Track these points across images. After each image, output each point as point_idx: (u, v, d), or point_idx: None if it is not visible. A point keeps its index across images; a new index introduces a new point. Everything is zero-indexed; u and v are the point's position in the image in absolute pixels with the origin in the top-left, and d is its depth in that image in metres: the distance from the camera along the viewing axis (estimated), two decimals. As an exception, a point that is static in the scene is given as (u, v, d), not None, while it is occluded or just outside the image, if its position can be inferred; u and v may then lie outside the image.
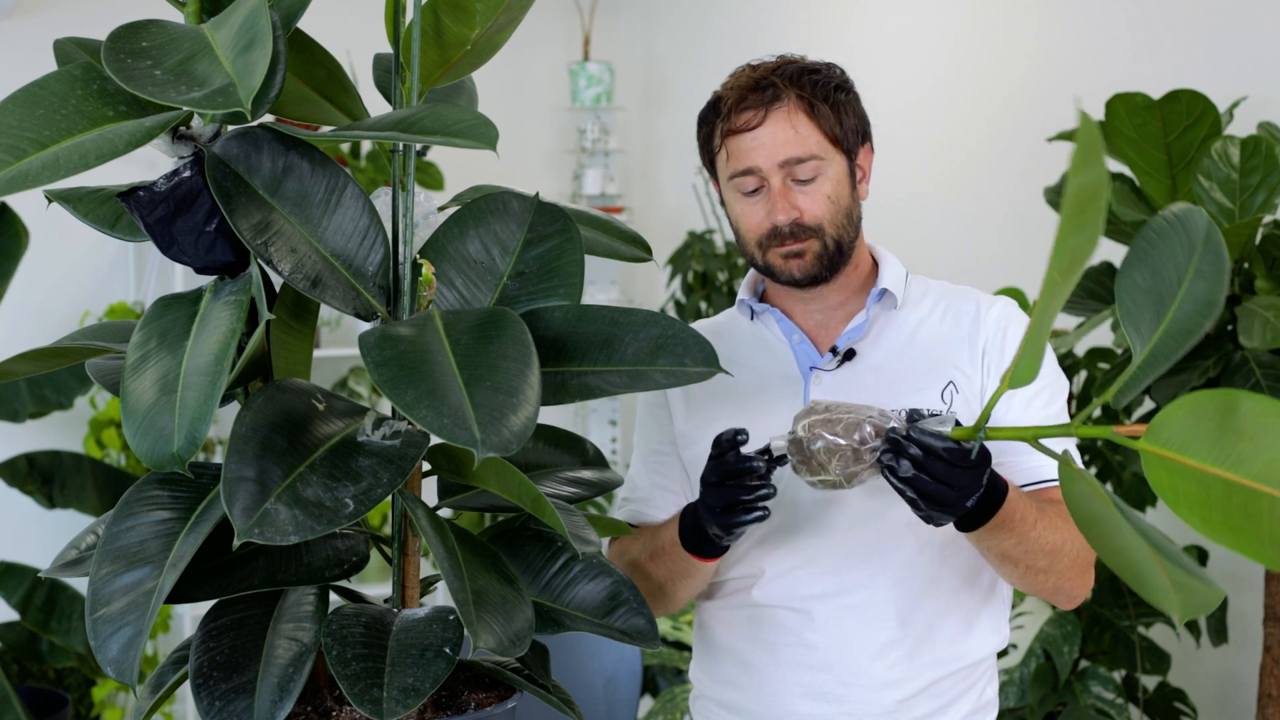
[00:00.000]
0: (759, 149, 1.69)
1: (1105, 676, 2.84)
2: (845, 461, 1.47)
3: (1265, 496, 1.11)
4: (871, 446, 1.46)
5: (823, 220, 1.70)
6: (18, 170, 1.08)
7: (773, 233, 1.70)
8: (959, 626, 1.74)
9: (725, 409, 1.76)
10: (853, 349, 1.75)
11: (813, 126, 1.70)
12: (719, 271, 4.52)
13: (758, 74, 1.72)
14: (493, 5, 1.36)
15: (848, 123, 1.72)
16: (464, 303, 1.39)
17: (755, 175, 1.70)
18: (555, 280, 1.40)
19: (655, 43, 5.24)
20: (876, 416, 1.47)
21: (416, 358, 1.16)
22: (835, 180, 1.71)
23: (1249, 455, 1.11)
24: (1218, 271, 1.26)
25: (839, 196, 1.71)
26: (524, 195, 1.42)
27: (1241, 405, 1.13)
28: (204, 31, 1.19)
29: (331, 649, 1.21)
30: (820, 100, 1.70)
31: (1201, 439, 1.13)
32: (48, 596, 3.44)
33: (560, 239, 1.41)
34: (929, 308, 1.78)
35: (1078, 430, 1.29)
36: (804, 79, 1.71)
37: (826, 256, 1.71)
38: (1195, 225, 1.28)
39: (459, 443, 1.08)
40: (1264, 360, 2.56)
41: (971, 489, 1.45)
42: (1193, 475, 1.13)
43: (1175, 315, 1.25)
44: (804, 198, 1.70)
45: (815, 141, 1.70)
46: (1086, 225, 1.17)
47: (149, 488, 1.23)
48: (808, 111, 1.70)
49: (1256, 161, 2.56)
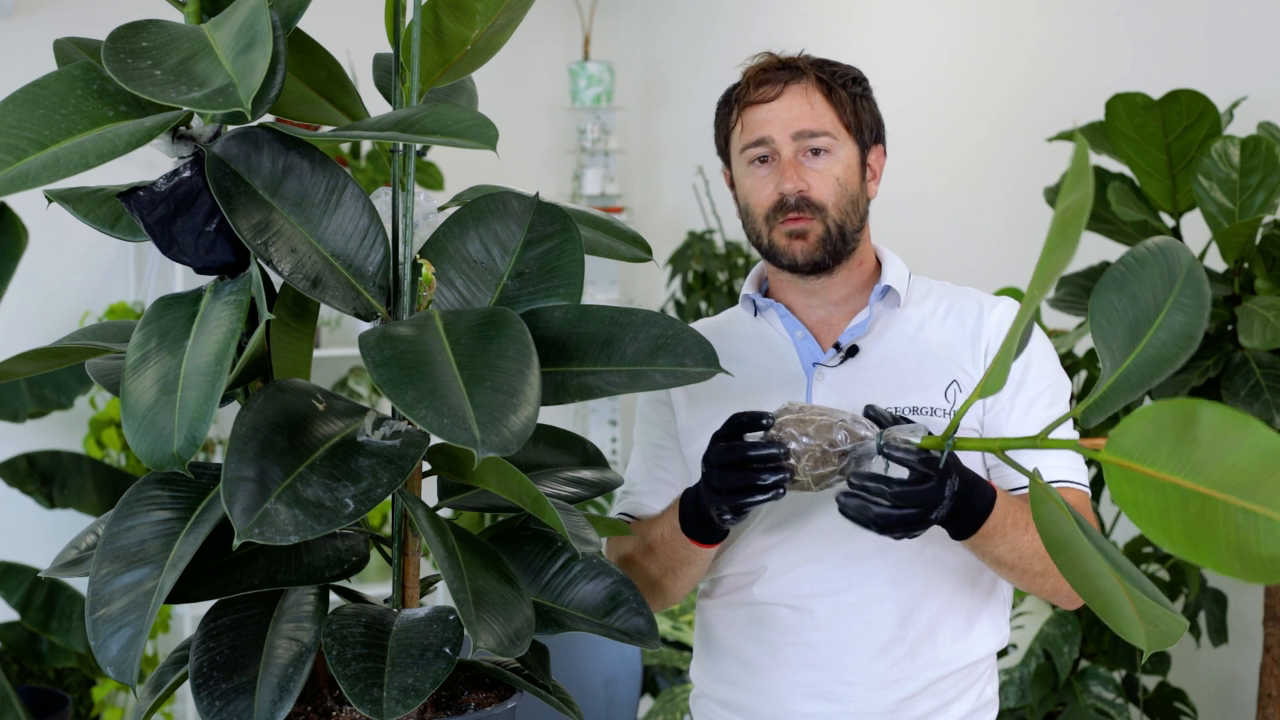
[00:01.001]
0: (774, 119, 1.72)
1: (1105, 676, 2.84)
2: (814, 463, 1.47)
3: (1221, 504, 1.10)
4: (841, 450, 1.46)
5: (828, 201, 1.71)
6: (18, 170, 1.08)
7: (780, 204, 1.72)
8: (959, 625, 1.74)
9: (728, 405, 1.76)
10: (856, 345, 1.75)
11: (828, 107, 1.73)
12: (719, 271, 4.52)
13: (780, 57, 1.76)
14: (493, 5, 1.36)
15: (863, 115, 1.75)
16: (464, 303, 1.39)
17: (767, 145, 1.72)
18: (555, 280, 1.40)
19: (655, 43, 5.24)
20: (849, 421, 1.47)
21: (416, 358, 1.16)
22: (845, 165, 1.73)
23: (1206, 463, 1.11)
24: (1199, 306, 1.26)
25: (847, 182, 1.73)
26: (524, 195, 1.42)
27: (1201, 414, 1.12)
28: (204, 31, 1.19)
29: (331, 649, 1.21)
30: (839, 85, 1.74)
31: (1161, 448, 1.13)
32: (48, 596, 3.44)
33: (560, 239, 1.41)
34: (932, 307, 1.79)
35: (1044, 443, 1.30)
36: (825, 66, 1.75)
37: (829, 241, 1.72)
38: (1177, 258, 1.28)
39: (459, 443, 1.08)
40: (1264, 360, 2.56)
41: (934, 504, 1.45)
42: (1151, 484, 1.13)
43: (1151, 343, 1.25)
44: (813, 173, 1.72)
45: (830, 121, 1.72)
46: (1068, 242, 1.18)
47: (149, 488, 1.23)
48: (825, 93, 1.73)
49: (1256, 161, 2.56)
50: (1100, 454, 1.17)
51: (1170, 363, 1.24)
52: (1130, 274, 1.27)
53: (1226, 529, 1.10)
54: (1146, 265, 1.27)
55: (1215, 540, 1.10)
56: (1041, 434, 1.31)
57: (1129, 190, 2.77)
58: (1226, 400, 2.55)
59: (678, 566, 1.72)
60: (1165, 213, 2.81)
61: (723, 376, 1.51)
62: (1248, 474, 1.10)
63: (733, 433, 1.55)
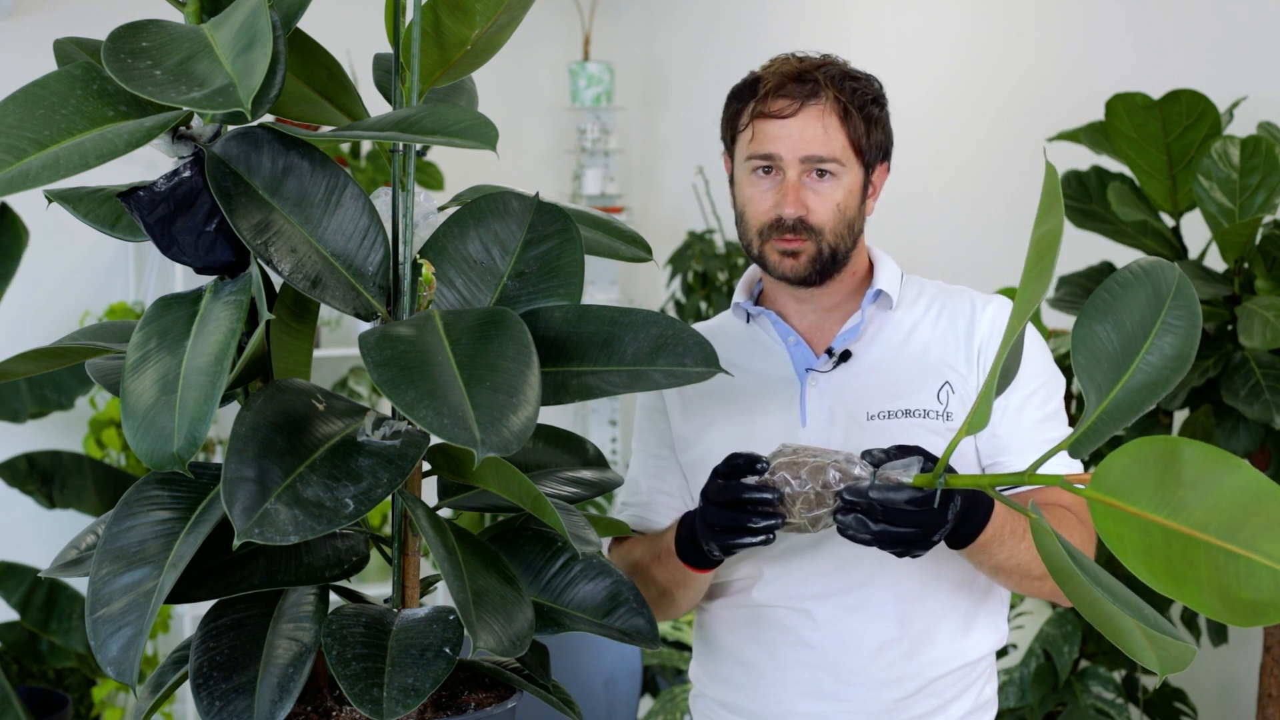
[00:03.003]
0: (785, 138, 1.70)
1: (1105, 676, 2.84)
2: (809, 505, 1.47)
3: (1202, 544, 1.09)
4: (835, 490, 1.46)
5: (825, 226, 1.70)
6: (18, 170, 1.08)
7: (776, 223, 1.71)
8: (957, 625, 1.74)
9: (723, 411, 1.76)
10: (848, 350, 1.75)
11: (841, 131, 1.70)
12: (719, 271, 4.52)
13: (802, 66, 1.72)
14: (493, 5, 1.36)
15: (874, 137, 1.73)
16: (464, 303, 1.39)
17: (774, 162, 1.71)
18: (555, 280, 1.40)
19: (655, 43, 5.24)
20: (842, 461, 1.47)
21: (417, 358, 1.16)
22: (848, 190, 1.71)
23: (1189, 502, 1.10)
24: (1190, 326, 1.24)
25: (847, 207, 1.72)
26: (524, 195, 1.42)
27: (1183, 453, 1.11)
28: (204, 31, 1.19)
29: (331, 649, 1.21)
30: (855, 108, 1.71)
31: (1144, 486, 1.12)
32: (48, 596, 3.44)
33: (560, 239, 1.41)
34: (924, 308, 1.78)
35: (1030, 479, 1.29)
36: (845, 84, 1.71)
37: (820, 262, 1.72)
38: (1164, 278, 1.26)
39: (459, 443, 1.07)
40: (1264, 360, 2.56)
41: (937, 526, 1.46)
42: (1135, 522, 1.12)
43: (1139, 369, 1.23)
44: (815, 198, 1.70)
45: (840, 147, 1.70)
46: (1044, 272, 1.17)
47: (149, 488, 1.23)
48: (841, 116, 1.70)
49: (1256, 161, 2.56)
50: (1084, 491, 1.17)
51: (1162, 386, 1.22)
52: (1114, 300, 1.26)
53: (1209, 569, 1.09)
54: (1131, 289, 1.26)
55: (1199, 580, 1.09)
56: (1030, 469, 1.30)
57: (1129, 190, 2.77)
58: (1226, 400, 2.55)
59: (676, 585, 1.73)
60: (1165, 213, 2.81)
61: (718, 382, 1.53)
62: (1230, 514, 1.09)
63: (730, 472, 1.54)
